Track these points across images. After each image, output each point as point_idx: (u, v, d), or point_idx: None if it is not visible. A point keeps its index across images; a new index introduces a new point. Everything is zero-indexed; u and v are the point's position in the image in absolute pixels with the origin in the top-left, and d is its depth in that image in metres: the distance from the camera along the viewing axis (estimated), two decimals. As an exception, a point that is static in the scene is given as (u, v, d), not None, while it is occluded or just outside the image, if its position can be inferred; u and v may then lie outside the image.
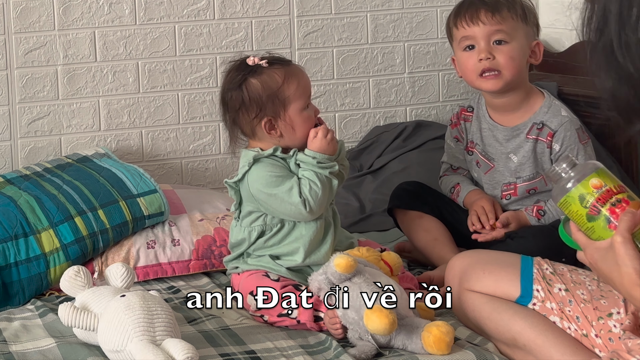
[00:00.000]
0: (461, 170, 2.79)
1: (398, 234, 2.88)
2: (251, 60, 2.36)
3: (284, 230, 2.36)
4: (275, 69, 2.35)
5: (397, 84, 3.49)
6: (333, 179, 2.34)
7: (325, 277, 2.18)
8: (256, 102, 2.33)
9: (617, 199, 1.73)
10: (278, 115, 2.34)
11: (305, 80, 2.38)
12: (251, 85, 2.34)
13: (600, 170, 1.76)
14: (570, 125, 2.59)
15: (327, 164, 2.33)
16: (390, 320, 2.05)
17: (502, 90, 2.62)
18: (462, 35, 2.61)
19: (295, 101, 2.34)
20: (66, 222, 2.62)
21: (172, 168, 3.29)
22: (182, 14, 3.24)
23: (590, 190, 1.74)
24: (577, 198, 1.75)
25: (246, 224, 2.38)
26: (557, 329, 2.03)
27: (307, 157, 2.32)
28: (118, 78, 3.20)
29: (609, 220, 1.73)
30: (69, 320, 2.09)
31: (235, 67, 2.38)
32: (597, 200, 1.73)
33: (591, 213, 1.74)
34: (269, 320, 2.30)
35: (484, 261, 2.20)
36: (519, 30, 2.59)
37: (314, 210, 2.31)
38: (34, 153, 3.14)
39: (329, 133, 2.34)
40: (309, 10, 3.37)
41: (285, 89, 2.33)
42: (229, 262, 2.46)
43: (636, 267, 1.67)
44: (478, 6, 2.60)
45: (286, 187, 2.30)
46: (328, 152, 2.33)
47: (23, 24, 3.09)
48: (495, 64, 2.58)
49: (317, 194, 2.30)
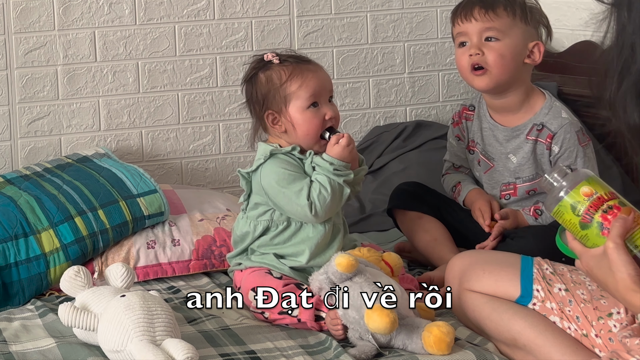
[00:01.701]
0: (463, 168, 2.80)
1: (398, 234, 2.88)
2: (267, 56, 2.41)
3: (290, 229, 2.37)
4: (284, 66, 2.39)
5: (397, 84, 3.49)
6: (346, 187, 2.34)
7: (326, 277, 2.19)
8: (261, 94, 2.38)
9: (608, 205, 1.75)
10: (280, 111, 2.36)
11: (314, 81, 2.37)
12: (258, 80, 2.40)
13: (591, 178, 1.78)
14: (570, 128, 2.59)
15: (342, 172, 2.33)
16: (391, 320, 2.05)
17: (494, 91, 2.62)
18: (457, 32, 2.65)
19: (296, 99, 2.36)
20: (66, 222, 2.62)
21: (172, 168, 3.29)
22: (182, 14, 3.24)
23: (581, 199, 1.76)
24: (570, 207, 1.77)
25: (252, 217, 2.39)
26: (557, 329, 2.03)
27: (324, 162, 2.33)
28: (118, 78, 3.20)
29: (601, 227, 1.74)
30: (69, 320, 2.09)
31: (253, 62, 2.44)
32: (589, 207, 1.75)
33: (584, 221, 1.75)
34: (270, 317, 2.30)
35: (484, 261, 2.20)
36: (514, 29, 2.59)
37: (319, 215, 2.32)
38: (34, 153, 3.14)
39: (351, 143, 2.35)
40: (309, 10, 3.37)
41: (288, 86, 2.36)
42: (232, 258, 2.46)
43: (630, 272, 1.68)
44: (474, 3, 2.63)
45: (296, 187, 2.31)
46: (346, 161, 2.34)
47: (23, 24, 3.09)
48: (484, 60, 2.59)
49: (326, 199, 2.31)
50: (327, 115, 2.37)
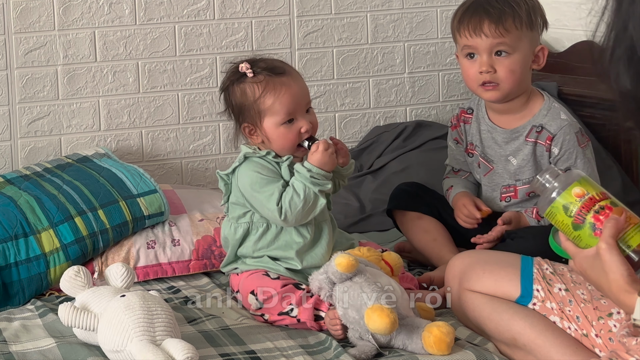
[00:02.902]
0: (462, 172, 2.79)
1: (398, 234, 2.88)
2: (241, 67, 2.39)
3: (271, 232, 2.37)
4: (258, 80, 2.36)
5: (397, 84, 3.49)
6: (321, 197, 2.33)
7: (326, 277, 2.19)
8: (237, 107, 2.39)
9: (600, 206, 1.75)
10: (256, 125, 2.37)
11: (289, 97, 2.35)
12: (233, 92, 2.40)
13: (582, 179, 1.78)
14: (569, 129, 2.58)
15: (319, 181, 2.33)
16: (392, 320, 2.05)
17: (502, 101, 2.62)
18: (465, 44, 2.59)
19: (271, 115, 2.35)
20: (66, 222, 2.62)
21: (172, 168, 3.29)
22: (182, 14, 3.24)
23: (573, 200, 1.76)
24: (562, 208, 1.77)
25: (234, 219, 2.40)
26: (557, 329, 2.03)
27: (303, 169, 2.33)
28: (118, 78, 3.20)
29: (594, 227, 1.74)
30: (69, 320, 2.09)
31: (230, 70, 2.43)
32: (581, 208, 1.75)
33: (576, 222, 1.76)
34: (270, 319, 2.30)
35: (484, 261, 2.20)
36: (522, 40, 2.56)
37: (289, 220, 2.32)
38: (34, 153, 3.14)
39: (329, 147, 2.34)
40: (309, 10, 3.36)
41: (261, 102, 2.35)
42: (225, 267, 2.46)
43: (622, 272, 1.68)
44: (482, 16, 2.56)
45: (268, 192, 2.32)
46: (326, 167, 2.33)
47: (23, 24, 3.09)
48: (496, 77, 2.56)
49: (297, 205, 2.31)
50: (302, 129, 2.35)
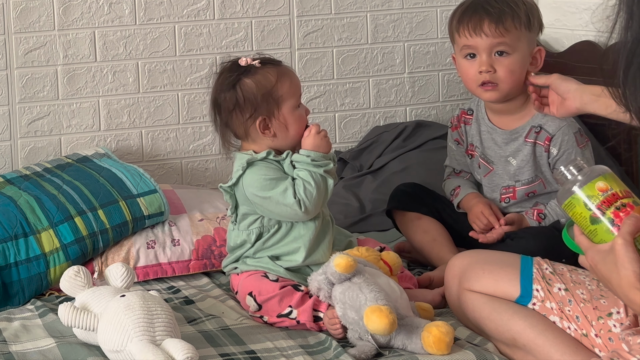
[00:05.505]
0: (464, 173, 2.79)
1: (398, 234, 2.88)
2: (243, 61, 2.37)
3: (282, 230, 2.37)
4: (268, 68, 2.37)
5: (397, 84, 3.49)
6: (328, 177, 2.34)
7: (324, 277, 2.19)
8: (251, 101, 2.34)
9: (622, 203, 1.74)
10: (272, 114, 2.35)
11: (296, 80, 2.40)
12: (245, 85, 2.35)
13: (608, 174, 1.77)
14: (568, 129, 2.59)
15: (321, 162, 2.33)
16: (391, 320, 2.05)
17: (500, 101, 2.62)
18: (464, 44, 2.59)
19: (288, 100, 2.36)
20: (66, 222, 2.62)
21: (172, 168, 3.29)
22: (182, 14, 3.24)
23: (595, 193, 1.75)
24: (582, 200, 1.76)
25: (244, 227, 2.39)
26: (556, 329, 2.03)
27: (302, 156, 2.33)
28: (118, 78, 3.20)
29: (612, 223, 1.73)
30: (69, 320, 2.09)
31: (227, 69, 2.40)
32: (602, 203, 1.74)
33: (595, 216, 1.75)
34: (269, 320, 2.30)
35: (484, 261, 2.20)
36: (522, 40, 2.56)
37: (309, 210, 2.31)
38: (34, 153, 3.14)
39: (322, 130, 2.35)
40: (309, 10, 3.37)
41: (279, 87, 2.35)
42: (227, 265, 2.46)
43: (635, 270, 1.68)
44: (482, 16, 2.56)
45: (281, 189, 2.31)
46: (322, 149, 2.34)
47: (23, 24, 3.09)
48: (495, 77, 2.56)
49: (312, 193, 2.30)
50: (307, 112, 2.40)
